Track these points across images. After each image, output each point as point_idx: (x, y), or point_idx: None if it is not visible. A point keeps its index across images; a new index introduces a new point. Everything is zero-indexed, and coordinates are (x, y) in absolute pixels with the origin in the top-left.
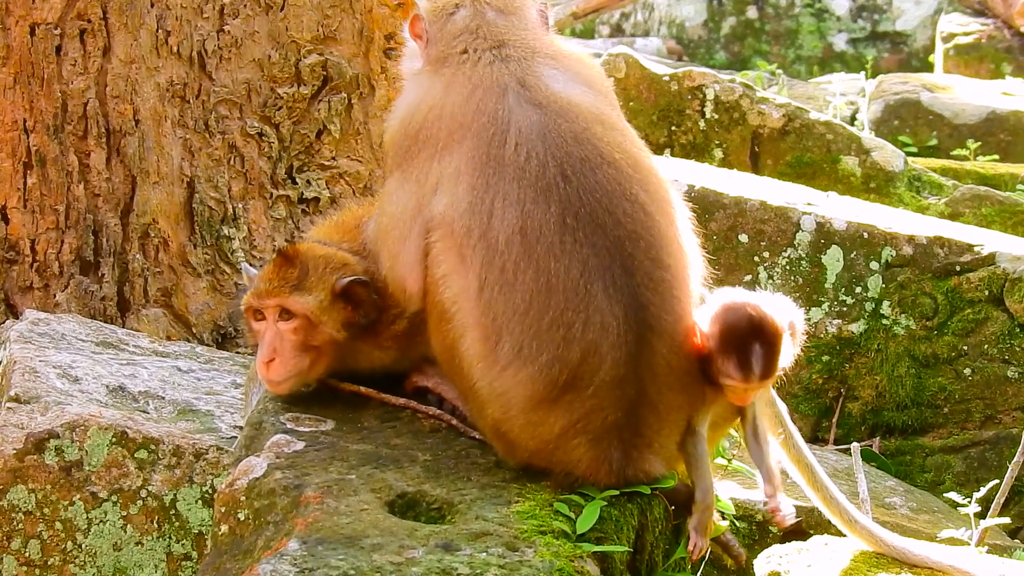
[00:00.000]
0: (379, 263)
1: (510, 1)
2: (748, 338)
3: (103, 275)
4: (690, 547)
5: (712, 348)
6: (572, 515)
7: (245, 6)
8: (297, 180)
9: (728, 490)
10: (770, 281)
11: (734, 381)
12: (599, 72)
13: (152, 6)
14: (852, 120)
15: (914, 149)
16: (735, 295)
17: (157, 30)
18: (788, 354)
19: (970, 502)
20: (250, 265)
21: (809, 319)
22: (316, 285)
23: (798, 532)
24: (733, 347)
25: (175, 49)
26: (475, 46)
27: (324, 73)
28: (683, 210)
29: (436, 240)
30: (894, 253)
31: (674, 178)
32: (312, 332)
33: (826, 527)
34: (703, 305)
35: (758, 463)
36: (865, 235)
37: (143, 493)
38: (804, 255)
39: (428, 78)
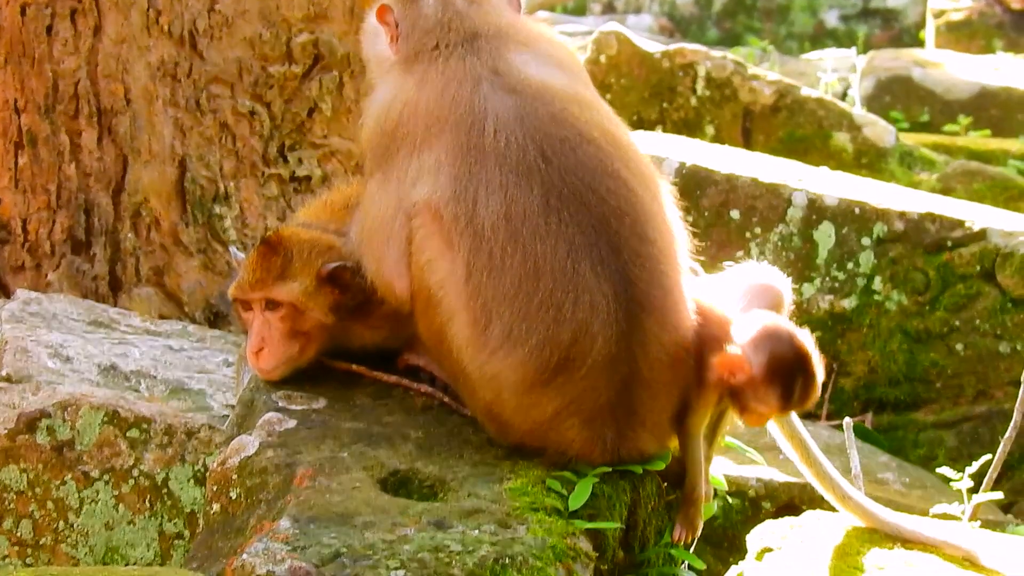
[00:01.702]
0: (365, 267)
1: None
2: (794, 370)
3: (95, 254)
4: (675, 537)
5: (753, 374)
6: (564, 492)
7: None
8: (289, 158)
9: (720, 466)
10: (762, 257)
11: (770, 409)
12: (571, 53)
13: None
14: (843, 96)
15: (905, 125)
16: (772, 318)
17: (148, 9)
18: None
19: (962, 477)
20: (241, 245)
21: (801, 295)
22: (301, 271)
23: (791, 507)
24: (779, 378)
25: (166, 28)
26: (446, 40)
27: (315, 51)
28: (665, 186)
29: (420, 226)
30: (886, 229)
31: (665, 154)
32: (300, 318)
33: (819, 503)
34: (736, 324)
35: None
36: (856, 211)
37: (135, 472)
38: (796, 231)
39: (400, 76)
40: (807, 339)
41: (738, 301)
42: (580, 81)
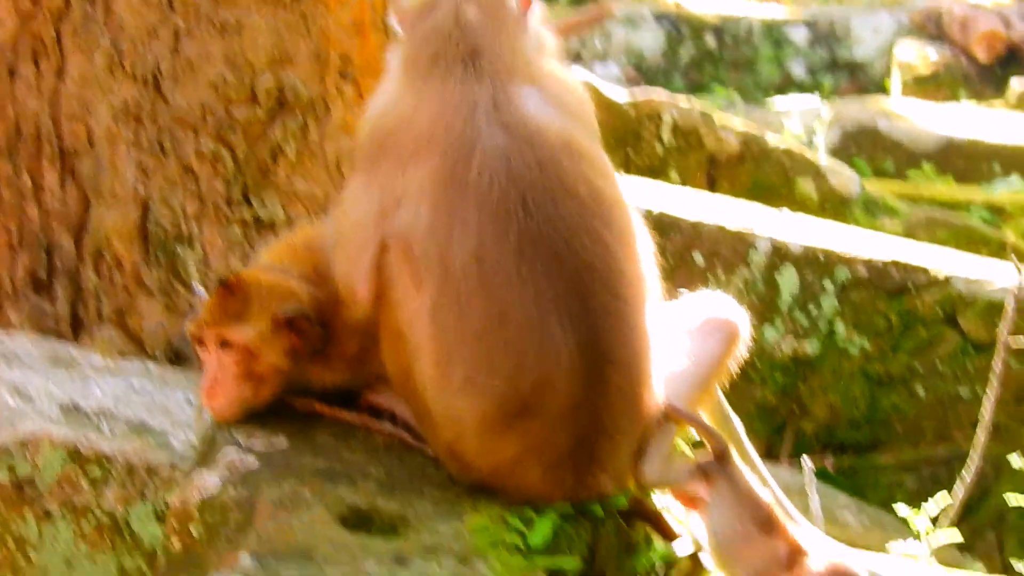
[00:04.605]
0: (334, 265)
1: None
2: None
3: (56, 295)
4: None
5: None
6: (525, 529)
7: (200, 28)
8: (252, 202)
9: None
10: None
11: None
12: (576, 91)
13: (106, 27)
14: (809, 145)
15: (870, 174)
16: (844, 557)
17: (112, 51)
18: None
19: (921, 517)
20: (204, 286)
21: (763, 338)
22: (257, 315)
23: None
24: None
25: (129, 70)
26: (447, 52)
27: (280, 95)
28: (645, 239)
29: (393, 260)
30: (849, 273)
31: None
32: (254, 361)
33: None
34: (812, 553)
35: None
36: (820, 256)
37: (96, 510)
38: (759, 275)
39: (401, 85)
40: None
41: (695, 332)
42: (581, 125)
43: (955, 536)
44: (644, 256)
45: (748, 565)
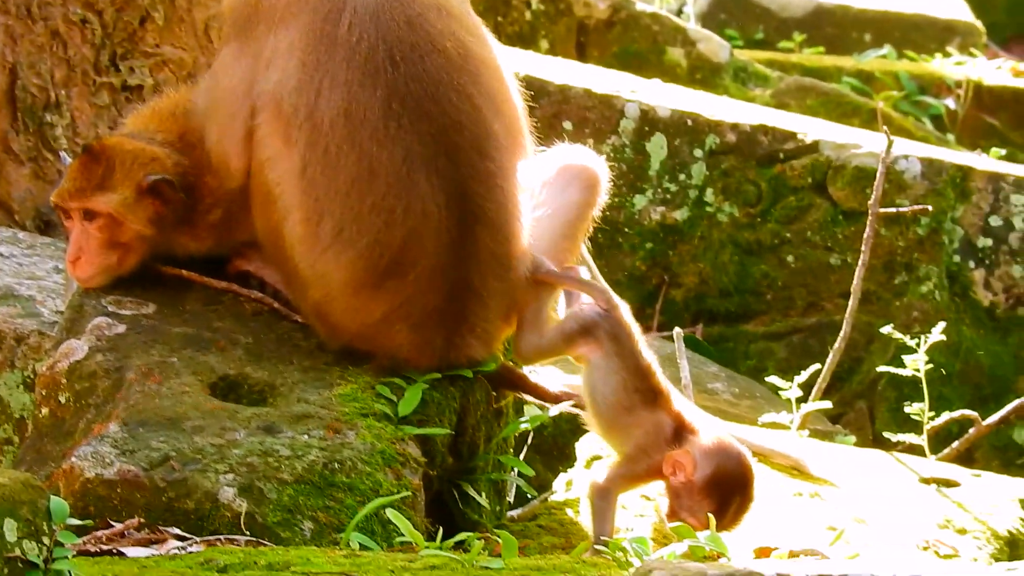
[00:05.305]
0: (206, 135)
1: None
2: (733, 490)
3: None
4: None
5: (693, 480)
6: (394, 398)
7: None
8: (120, 67)
9: (551, 376)
10: None
11: (698, 522)
12: None
13: None
14: (679, 13)
15: (740, 43)
16: (728, 436)
17: None
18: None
19: (792, 386)
20: (72, 153)
21: (633, 206)
22: (121, 182)
23: None
24: (716, 493)
25: None
26: None
27: None
28: (516, 101)
29: (262, 121)
30: (718, 140)
31: None
32: (118, 229)
33: None
34: (701, 431)
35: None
36: (689, 122)
37: None
38: (628, 142)
39: None
40: (754, 465)
41: (553, 182)
42: None
43: (826, 406)
44: (513, 117)
45: (628, 436)
